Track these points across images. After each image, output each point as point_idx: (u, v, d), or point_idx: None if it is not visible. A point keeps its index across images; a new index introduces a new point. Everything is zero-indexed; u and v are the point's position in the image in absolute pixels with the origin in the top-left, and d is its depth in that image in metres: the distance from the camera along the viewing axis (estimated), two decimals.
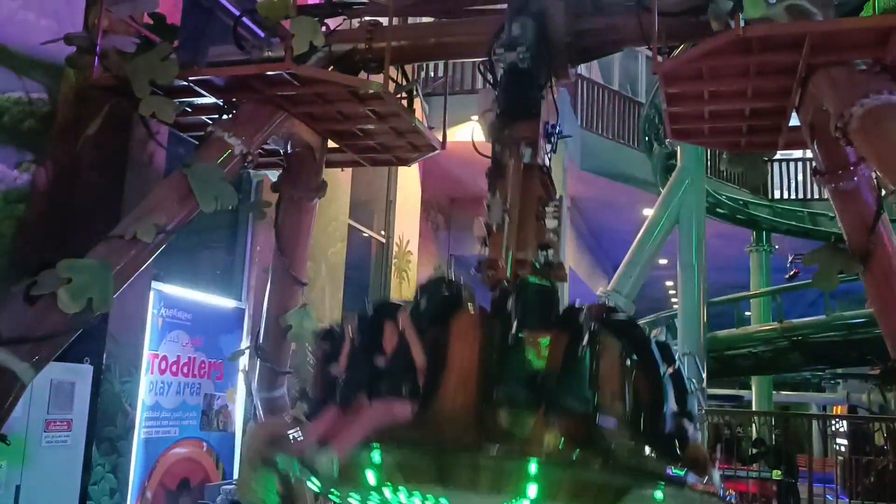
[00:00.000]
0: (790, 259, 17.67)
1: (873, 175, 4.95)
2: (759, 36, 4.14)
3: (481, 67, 5.08)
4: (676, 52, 5.51)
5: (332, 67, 5.55)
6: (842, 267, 5.07)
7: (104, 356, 6.30)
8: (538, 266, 4.55)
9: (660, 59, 4.65)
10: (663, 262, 16.47)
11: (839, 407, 26.69)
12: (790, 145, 5.70)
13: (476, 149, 5.03)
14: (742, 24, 4.15)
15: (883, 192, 4.86)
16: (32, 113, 6.25)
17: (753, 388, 20.18)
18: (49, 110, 6.28)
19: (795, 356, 15.31)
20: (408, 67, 6.27)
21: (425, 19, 6.53)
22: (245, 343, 8.17)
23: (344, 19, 5.97)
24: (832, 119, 4.23)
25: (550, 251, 4.67)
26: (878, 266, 4.99)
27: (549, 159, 5.03)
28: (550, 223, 4.69)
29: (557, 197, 4.94)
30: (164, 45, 5.25)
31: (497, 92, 4.75)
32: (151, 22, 5.79)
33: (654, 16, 4.66)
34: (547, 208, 4.69)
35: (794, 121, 5.33)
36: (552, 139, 5.05)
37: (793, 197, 19.30)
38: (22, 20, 6.38)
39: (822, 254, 5.20)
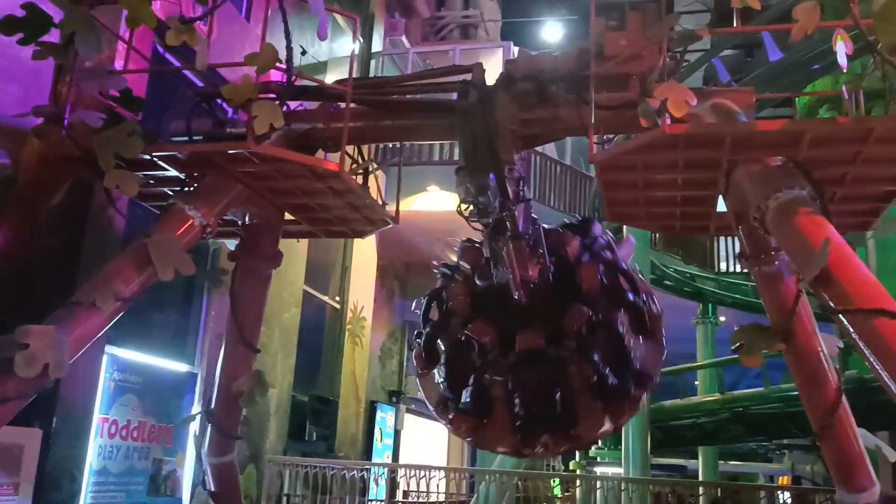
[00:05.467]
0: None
1: None
2: (682, 133, 4.54)
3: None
4: (615, 139, 5.91)
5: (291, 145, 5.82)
6: (765, 345, 5.41)
7: (54, 420, 6.35)
8: None
9: (596, 149, 5.02)
10: None
11: (784, 477, 27.07)
12: (720, 230, 6.10)
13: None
14: (669, 121, 4.54)
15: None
16: None
17: (700, 459, 20.47)
18: (10, 175, 6.44)
19: (737, 427, 15.63)
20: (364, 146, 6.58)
21: None
22: (197, 408, 8.24)
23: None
24: (750, 210, 4.62)
25: None
26: (798, 344, 5.34)
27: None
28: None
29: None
30: (130, 121, 5.50)
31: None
32: (118, 94, 6.04)
33: (592, 109, 5.05)
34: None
35: (723, 206, 5.74)
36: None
37: (738, 270, 19.89)
38: None
39: (748, 332, 5.52)
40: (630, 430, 12.70)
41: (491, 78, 5.61)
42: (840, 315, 4.07)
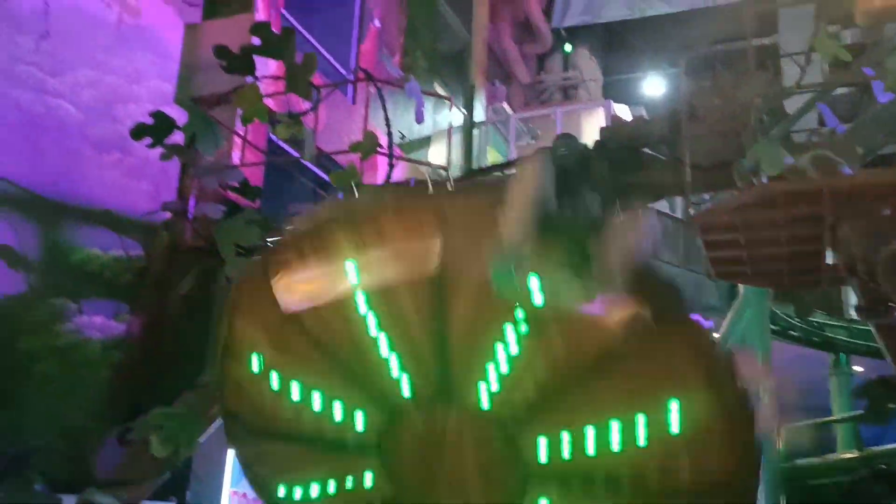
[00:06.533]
0: None
1: None
2: (779, 192, 4.49)
3: None
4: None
5: None
6: (892, 400, 5.18)
7: (188, 494, 6.70)
8: None
9: (694, 210, 5.03)
10: None
11: None
12: (832, 282, 5.89)
13: None
14: (765, 180, 4.51)
15: None
16: (130, 269, 6.97)
17: None
18: (144, 266, 7.00)
19: (881, 486, 14.59)
20: None
21: None
22: None
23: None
24: (859, 263, 4.49)
25: None
26: None
27: None
28: None
29: None
30: (248, 210, 5.90)
31: None
32: (237, 185, 6.51)
33: (687, 170, 5.07)
34: None
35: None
36: None
37: None
38: (123, 185, 7.22)
39: (871, 388, 5.32)
40: (763, 493, 12.12)
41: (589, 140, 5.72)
42: None
